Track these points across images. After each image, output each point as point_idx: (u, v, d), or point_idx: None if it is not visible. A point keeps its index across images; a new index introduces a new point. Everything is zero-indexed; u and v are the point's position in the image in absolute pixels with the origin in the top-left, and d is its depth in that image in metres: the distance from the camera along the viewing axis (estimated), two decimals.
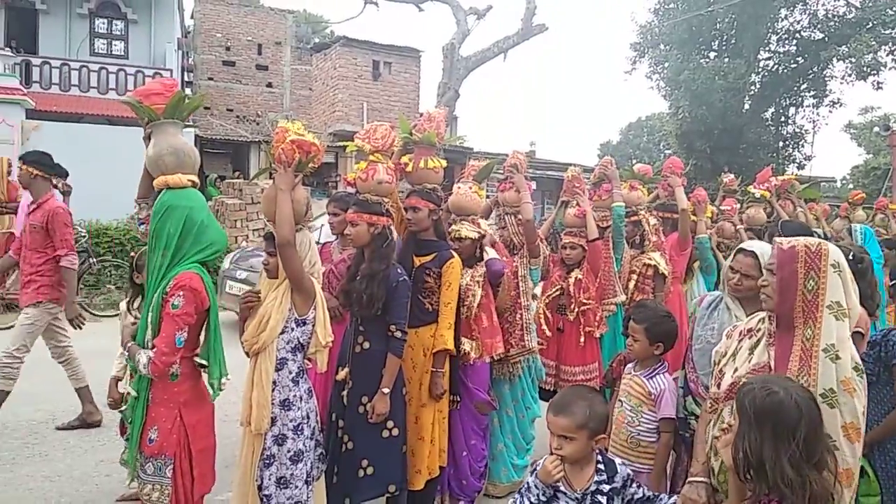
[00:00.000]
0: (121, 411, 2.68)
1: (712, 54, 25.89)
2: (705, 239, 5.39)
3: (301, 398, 2.80)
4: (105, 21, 19.29)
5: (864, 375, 1.96)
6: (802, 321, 2.00)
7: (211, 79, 24.72)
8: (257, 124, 24.40)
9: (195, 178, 2.78)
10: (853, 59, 22.87)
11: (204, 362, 2.73)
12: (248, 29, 25.47)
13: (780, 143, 26.23)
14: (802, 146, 26.63)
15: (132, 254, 3.67)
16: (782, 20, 24.92)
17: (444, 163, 3.68)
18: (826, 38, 23.83)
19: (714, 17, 24.06)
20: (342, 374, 3.25)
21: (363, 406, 3.13)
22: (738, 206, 6.45)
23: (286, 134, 2.82)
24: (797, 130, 26.51)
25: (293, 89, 26.06)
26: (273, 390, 2.73)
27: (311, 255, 2.85)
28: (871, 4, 22.72)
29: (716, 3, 23.39)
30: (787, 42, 25.41)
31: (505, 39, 19.93)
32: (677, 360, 3.20)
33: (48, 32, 18.47)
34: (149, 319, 2.60)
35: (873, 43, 22.37)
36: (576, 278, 4.41)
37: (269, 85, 25.82)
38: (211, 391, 2.80)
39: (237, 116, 24.75)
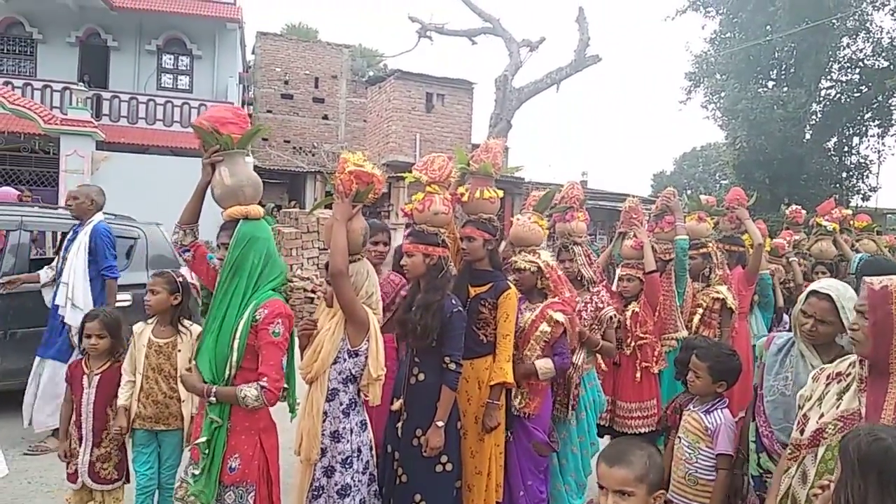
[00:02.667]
0: (197, 443, 2.60)
1: (771, 83, 25.37)
2: (767, 276, 5.22)
3: (352, 431, 2.77)
4: (171, 57, 20.23)
5: None
6: None
7: (269, 111, 25.50)
8: (313, 155, 25.01)
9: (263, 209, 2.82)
10: None
11: (286, 387, 2.75)
12: (305, 63, 26.25)
13: (844, 174, 25.35)
14: (867, 177, 25.66)
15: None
16: (844, 48, 24.30)
17: (501, 193, 3.66)
18: (891, 67, 23.08)
19: (772, 46, 23.63)
20: (397, 405, 3.21)
21: (417, 439, 3.09)
22: (792, 240, 6.16)
23: (346, 164, 2.83)
24: (861, 161, 25.59)
25: (348, 121, 26.64)
26: (324, 421, 2.72)
27: (367, 285, 2.82)
28: None
29: (774, 33, 22.98)
30: (849, 71, 24.72)
31: (558, 70, 19.99)
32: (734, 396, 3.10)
33: (118, 68, 19.45)
34: (234, 346, 2.58)
35: None
36: (633, 311, 4.31)
37: (325, 117, 26.46)
38: (290, 413, 2.84)
39: (294, 147, 25.41)
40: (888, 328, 1.88)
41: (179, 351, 3.47)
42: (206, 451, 2.55)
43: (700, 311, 4.74)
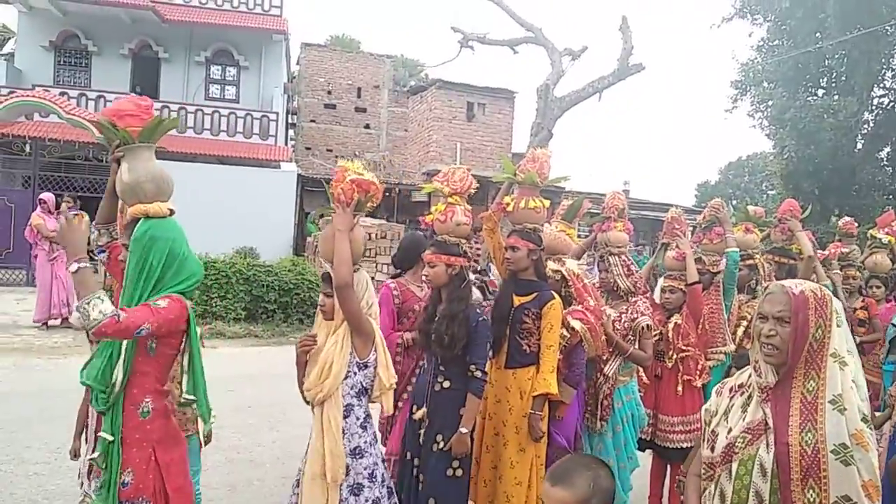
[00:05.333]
0: (91, 458, 2.46)
1: (821, 92, 24.73)
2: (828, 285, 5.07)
3: (371, 444, 2.76)
4: (219, 68, 20.74)
5: (873, 427, 1.82)
6: (803, 373, 1.85)
7: (313, 121, 25.88)
8: None
9: (173, 207, 2.65)
10: None
11: (191, 398, 2.55)
12: (348, 74, 26.58)
13: None
14: None
15: None
16: None
17: (547, 203, 3.68)
18: None
19: (822, 53, 23.04)
20: (419, 413, 3.23)
21: (437, 444, 3.13)
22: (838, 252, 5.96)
23: (346, 173, 2.79)
24: None
25: (389, 130, 26.86)
26: (342, 438, 2.67)
27: (367, 295, 2.80)
28: None
29: (824, 40, 22.41)
30: None
31: (600, 79, 19.84)
32: None
33: (169, 79, 20.03)
34: (120, 360, 2.40)
35: None
36: (675, 324, 4.24)
37: (367, 126, 26.73)
38: (203, 424, 2.69)
39: (336, 156, 25.71)
40: (805, 335, 1.84)
41: None
42: (104, 466, 2.41)
43: (744, 323, 4.65)
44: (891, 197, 23.75)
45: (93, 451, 2.48)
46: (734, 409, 2.02)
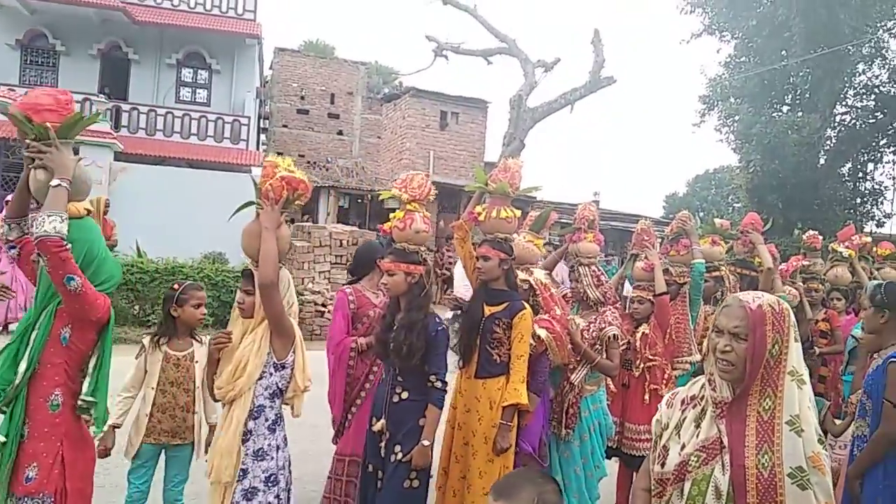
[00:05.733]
0: None
1: (785, 108, 25.38)
2: (784, 297, 5.19)
3: (277, 448, 2.64)
4: (191, 70, 20.54)
5: (827, 447, 1.78)
6: (759, 390, 1.77)
7: (285, 126, 25.75)
8: (327, 170, 25.13)
9: (90, 206, 2.59)
10: None
11: (90, 399, 2.46)
12: (322, 79, 26.53)
13: (858, 200, 25.24)
14: (881, 203, 25.54)
15: (174, 286, 3.59)
16: (859, 74, 24.29)
17: (518, 213, 3.68)
18: None
19: (787, 71, 23.64)
20: (378, 425, 3.17)
21: (395, 455, 3.07)
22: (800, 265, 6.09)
23: (275, 170, 2.69)
24: (876, 187, 25.49)
25: (362, 137, 26.85)
26: (247, 440, 2.56)
27: (289, 295, 2.72)
28: None
29: (789, 58, 23.01)
30: (865, 97, 24.71)
31: (572, 91, 20.10)
32: None
33: (138, 81, 19.74)
34: (32, 337, 2.37)
35: None
36: (643, 333, 4.30)
37: (340, 133, 26.67)
38: (95, 428, 2.60)
39: (308, 162, 25.57)
40: (762, 351, 1.75)
41: (197, 362, 3.48)
42: None
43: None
44: (851, 211, 24.43)
45: None
46: (686, 424, 1.92)
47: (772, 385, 1.76)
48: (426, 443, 3.03)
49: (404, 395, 3.13)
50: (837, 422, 4.04)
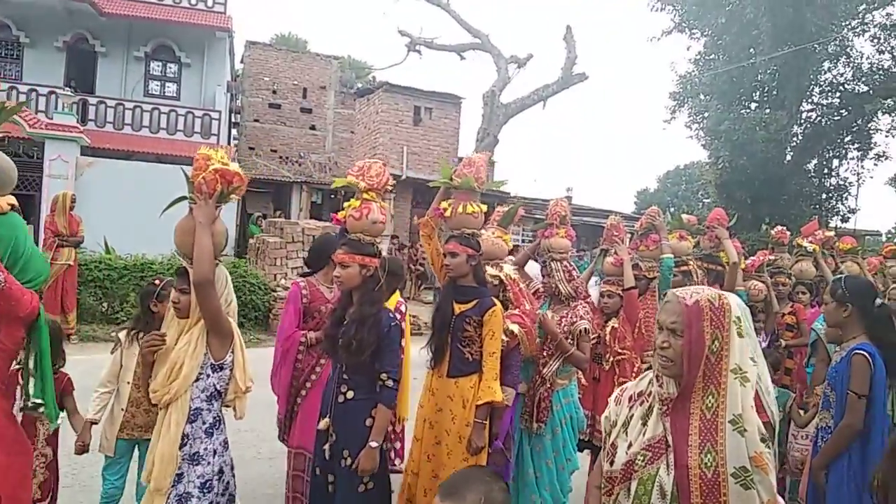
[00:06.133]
0: None
1: (753, 105, 25.79)
2: (743, 292, 5.29)
3: (214, 452, 2.54)
4: (160, 64, 20.15)
5: (771, 446, 1.75)
6: (702, 387, 1.75)
7: (257, 120, 25.48)
8: (300, 165, 24.98)
9: (13, 201, 2.47)
10: None
11: (38, 401, 2.39)
12: (294, 73, 26.29)
13: (824, 195, 25.77)
14: (846, 199, 26.12)
15: (155, 281, 3.54)
16: (825, 73, 24.77)
17: (484, 208, 3.63)
18: (871, 91, 23.57)
19: (755, 68, 24.03)
20: (323, 424, 3.03)
21: (345, 460, 2.95)
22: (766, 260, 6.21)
23: (209, 162, 2.57)
24: (841, 183, 26.05)
25: (335, 132, 26.67)
26: (184, 444, 2.47)
27: (227, 292, 2.61)
28: None
29: (757, 55, 23.38)
30: (830, 94, 25.21)
31: (545, 87, 20.19)
32: None
33: (106, 74, 19.33)
34: None
35: None
36: (612, 327, 4.36)
37: (313, 127, 26.47)
38: (51, 423, 2.54)
39: (280, 157, 25.37)
40: (700, 347, 1.73)
41: None
42: None
43: None
44: (817, 206, 24.95)
45: None
46: (634, 421, 1.90)
47: (714, 382, 1.74)
48: (373, 444, 2.90)
49: (349, 394, 3.00)
50: (802, 412, 4.14)
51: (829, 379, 3.23)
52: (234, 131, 24.97)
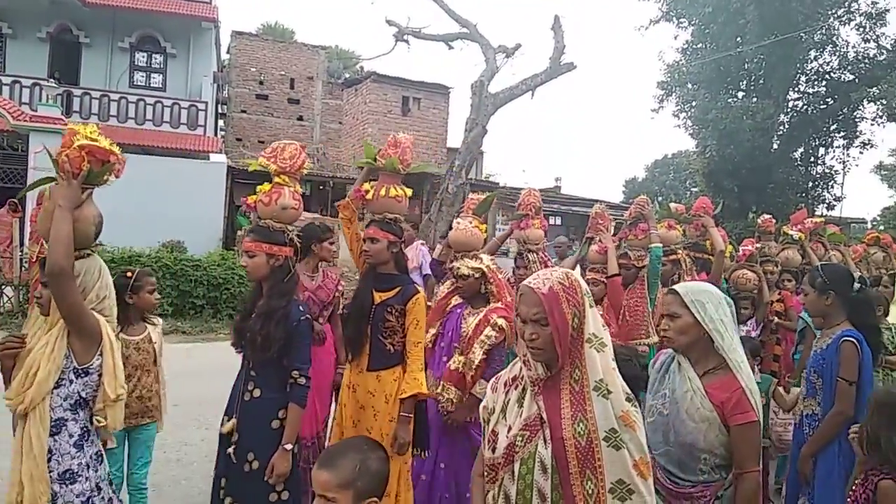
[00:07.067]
0: None
1: (740, 94, 25.93)
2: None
3: (88, 466, 2.26)
4: (145, 55, 19.98)
5: (637, 404, 1.81)
6: (569, 362, 1.80)
7: (244, 111, 25.30)
8: None
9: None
10: (884, 101, 22.72)
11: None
12: (281, 64, 26.10)
13: (810, 184, 25.99)
14: (832, 187, 26.39)
15: (128, 273, 3.45)
16: (812, 61, 24.95)
17: (409, 191, 3.44)
18: (856, 80, 23.76)
19: (742, 57, 24.13)
20: (228, 426, 2.81)
21: (250, 464, 2.72)
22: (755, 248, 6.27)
23: (75, 138, 2.29)
24: (827, 171, 26.28)
25: (323, 123, 26.54)
26: (50, 460, 2.17)
27: (98, 287, 2.30)
28: None
29: (744, 44, 23.47)
30: (816, 83, 25.39)
31: (533, 77, 20.12)
32: None
33: (90, 65, 19.15)
34: None
35: None
36: None
37: (301, 118, 26.32)
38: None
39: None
40: (565, 329, 1.77)
41: (155, 343, 3.52)
42: None
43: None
44: (803, 195, 25.16)
45: None
46: (511, 405, 1.92)
47: (577, 356, 1.79)
48: (288, 447, 2.70)
49: (256, 392, 2.79)
50: (787, 396, 4.19)
51: (814, 366, 3.21)
52: (220, 122, 24.81)
